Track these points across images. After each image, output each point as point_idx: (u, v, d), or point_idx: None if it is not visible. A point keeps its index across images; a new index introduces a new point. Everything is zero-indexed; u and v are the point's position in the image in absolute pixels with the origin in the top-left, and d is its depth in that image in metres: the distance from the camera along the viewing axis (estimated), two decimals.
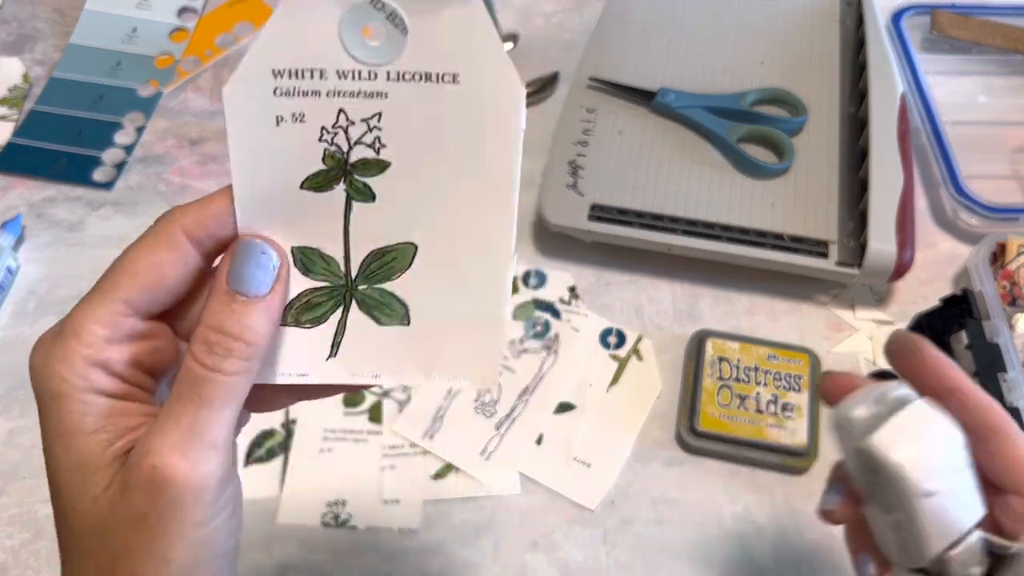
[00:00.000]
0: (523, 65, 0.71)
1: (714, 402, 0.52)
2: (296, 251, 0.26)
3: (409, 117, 0.25)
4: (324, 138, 0.25)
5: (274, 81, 0.25)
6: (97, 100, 0.68)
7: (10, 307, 0.58)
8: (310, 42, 0.24)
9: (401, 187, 0.26)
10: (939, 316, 0.56)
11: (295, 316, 0.27)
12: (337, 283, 0.27)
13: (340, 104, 0.25)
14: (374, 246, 0.27)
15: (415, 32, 0.24)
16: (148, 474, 0.23)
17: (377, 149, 0.26)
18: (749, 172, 0.59)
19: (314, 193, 0.26)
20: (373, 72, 0.25)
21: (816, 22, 0.69)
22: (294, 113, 0.25)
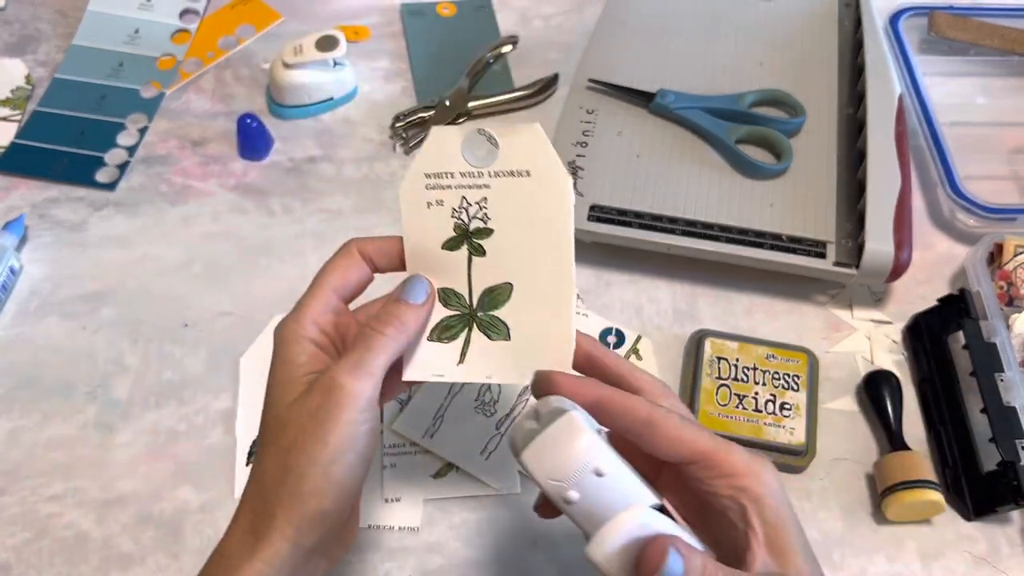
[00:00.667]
0: (523, 66, 0.72)
1: (713, 401, 0.52)
2: (439, 291, 0.40)
3: (503, 199, 0.39)
4: (454, 215, 0.39)
5: (425, 180, 0.39)
6: (99, 101, 0.69)
7: (13, 307, 0.58)
8: (445, 156, 0.38)
9: (501, 245, 0.39)
10: (936, 316, 0.56)
11: (437, 335, 0.40)
12: (464, 312, 0.40)
13: (462, 193, 0.39)
14: (486, 286, 0.39)
15: (503, 146, 0.38)
16: (326, 383, 0.35)
17: (485, 221, 0.39)
18: (748, 173, 0.60)
19: (448, 252, 0.39)
20: (480, 172, 0.38)
21: (814, 24, 0.69)
22: (437, 200, 0.39)
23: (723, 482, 0.34)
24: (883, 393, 0.53)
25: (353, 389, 0.35)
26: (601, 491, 0.33)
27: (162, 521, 0.50)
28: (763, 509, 0.34)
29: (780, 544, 0.33)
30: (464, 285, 0.39)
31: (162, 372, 0.55)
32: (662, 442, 0.35)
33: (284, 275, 0.60)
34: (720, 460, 0.34)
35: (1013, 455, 0.48)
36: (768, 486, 0.34)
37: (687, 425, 0.35)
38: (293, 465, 0.34)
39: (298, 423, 0.35)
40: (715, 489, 0.34)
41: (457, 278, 0.39)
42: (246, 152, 0.66)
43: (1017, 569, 0.49)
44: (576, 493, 0.33)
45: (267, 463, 0.36)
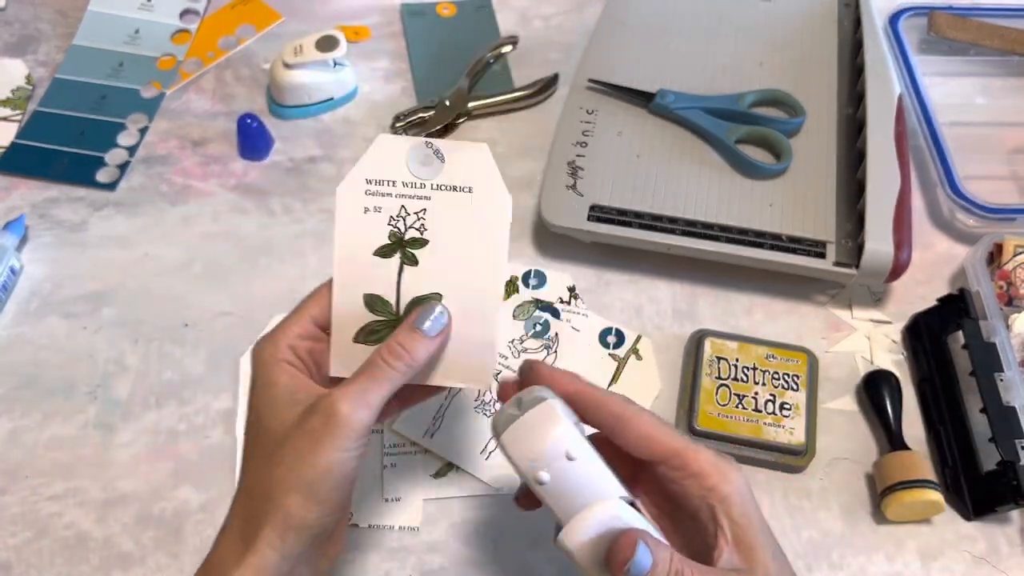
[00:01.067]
0: (523, 66, 0.72)
1: (712, 401, 0.52)
2: (366, 296, 0.40)
3: (442, 213, 0.39)
4: (391, 223, 0.39)
5: (366, 185, 0.39)
6: (100, 101, 0.69)
7: (13, 307, 0.58)
8: (389, 164, 0.39)
9: (434, 257, 0.39)
10: (936, 316, 0.56)
11: (363, 337, 0.40)
12: (390, 318, 0.40)
13: (402, 202, 0.39)
14: (414, 295, 0.40)
15: (448, 161, 0.39)
16: (327, 407, 0.36)
17: (421, 232, 0.39)
18: (747, 173, 0.60)
19: (380, 259, 0.40)
20: (422, 183, 0.39)
21: (814, 24, 0.69)
22: (376, 206, 0.39)
23: (693, 482, 0.36)
24: (883, 393, 0.53)
25: (351, 419, 0.36)
26: (572, 475, 0.35)
27: (162, 521, 0.50)
28: (730, 508, 0.35)
29: (746, 541, 0.35)
30: (392, 293, 0.40)
31: (162, 372, 0.55)
32: (632, 438, 0.37)
33: (284, 275, 0.60)
34: (689, 460, 0.36)
35: (1012, 455, 0.48)
36: (734, 485, 0.36)
37: (658, 424, 0.37)
38: (281, 480, 0.36)
39: (293, 441, 0.36)
40: (686, 489, 0.36)
41: (386, 285, 0.40)
42: (246, 152, 0.66)
43: (1017, 569, 0.49)
44: (547, 475, 0.35)
45: (258, 475, 0.37)
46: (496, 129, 0.68)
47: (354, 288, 0.40)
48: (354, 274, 0.40)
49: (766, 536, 0.36)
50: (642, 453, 0.37)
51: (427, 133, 0.66)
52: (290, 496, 0.35)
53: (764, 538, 0.35)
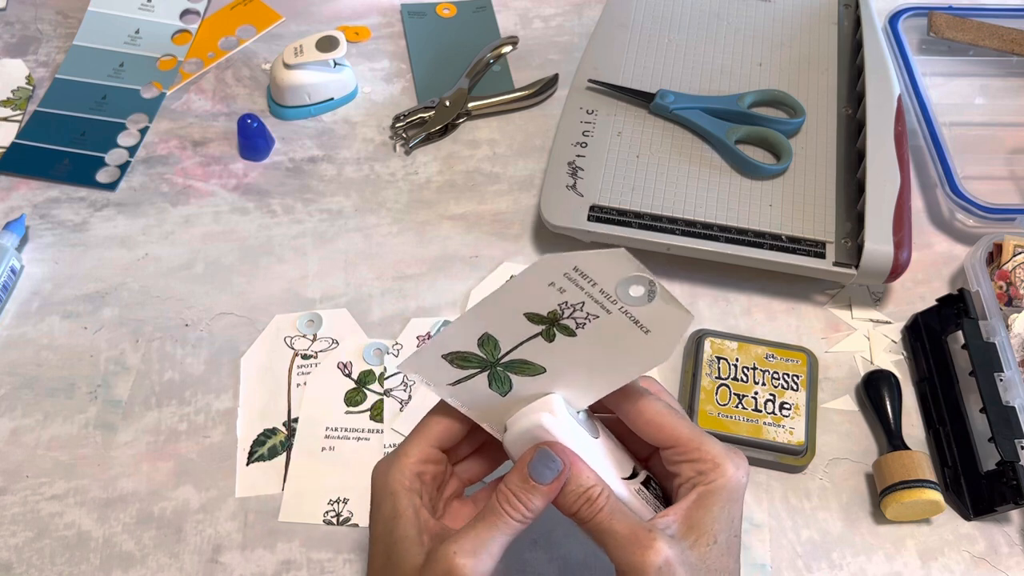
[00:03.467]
0: (523, 67, 0.72)
1: (712, 401, 0.53)
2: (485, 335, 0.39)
3: (608, 328, 0.38)
4: (561, 305, 0.38)
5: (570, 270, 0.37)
6: (100, 101, 0.69)
7: (14, 307, 0.58)
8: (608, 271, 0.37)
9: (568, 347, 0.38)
10: (936, 316, 0.56)
11: (451, 357, 0.39)
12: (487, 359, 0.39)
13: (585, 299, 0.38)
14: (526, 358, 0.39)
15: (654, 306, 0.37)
16: (447, 559, 0.35)
17: (577, 327, 0.38)
18: (747, 173, 0.60)
19: (526, 320, 0.39)
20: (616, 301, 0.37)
21: (814, 24, 0.69)
22: (562, 288, 0.37)
23: (688, 466, 0.37)
24: (882, 393, 0.53)
25: (472, 571, 0.35)
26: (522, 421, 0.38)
27: (163, 520, 0.50)
28: (707, 493, 0.36)
29: (702, 526, 0.36)
30: (510, 345, 0.39)
31: (163, 372, 0.55)
32: (642, 424, 0.38)
33: (285, 275, 0.60)
34: (694, 448, 0.37)
35: (1012, 455, 0.48)
36: (725, 478, 0.36)
37: (670, 412, 0.38)
38: None
39: None
40: (680, 471, 0.37)
41: (511, 338, 0.39)
42: (247, 152, 0.66)
43: (1016, 569, 0.49)
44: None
45: None
46: (496, 129, 0.68)
47: (481, 325, 0.39)
48: (493, 316, 0.39)
49: (729, 535, 0.36)
50: (651, 437, 0.38)
51: (427, 133, 0.66)
52: None
53: (724, 535, 0.36)
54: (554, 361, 0.39)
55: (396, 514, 0.37)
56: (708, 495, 0.36)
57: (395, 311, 0.58)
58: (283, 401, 0.54)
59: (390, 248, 0.62)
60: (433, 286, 0.60)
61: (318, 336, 0.57)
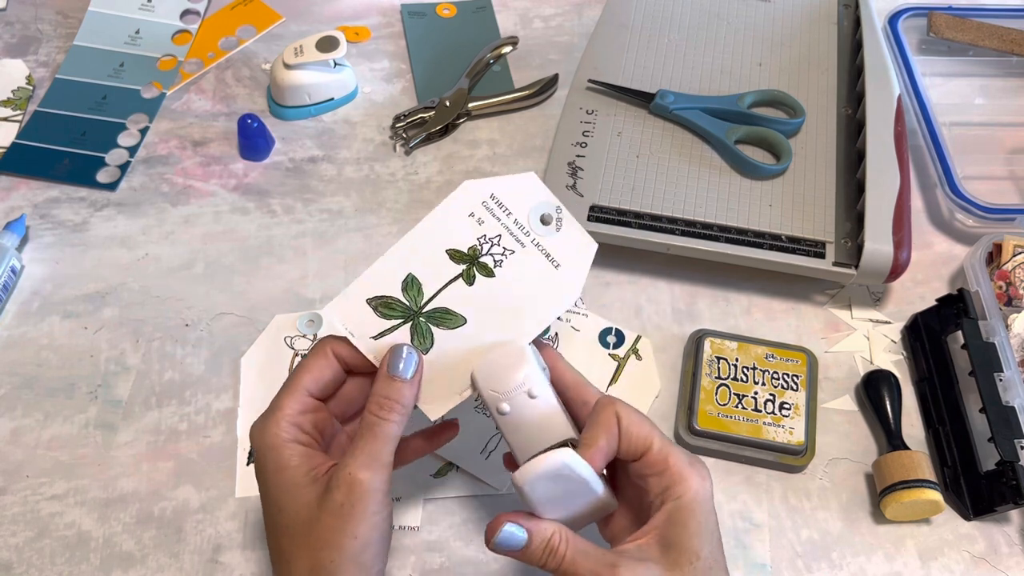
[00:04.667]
0: (523, 67, 0.72)
1: (712, 401, 0.53)
2: (410, 276, 0.40)
3: (523, 265, 0.40)
4: (479, 240, 0.41)
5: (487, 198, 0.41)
6: (100, 101, 0.69)
7: (14, 307, 0.58)
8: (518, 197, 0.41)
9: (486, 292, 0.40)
10: (935, 316, 0.56)
11: (376, 304, 0.41)
12: (410, 309, 0.40)
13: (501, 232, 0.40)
14: (446, 306, 0.41)
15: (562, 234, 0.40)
16: (346, 480, 0.36)
17: (495, 265, 0.40)
18: (747, 173, 0.60)
19: (447, 259, 0.40)
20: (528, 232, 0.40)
21: (813, 24, 0.69)
22: (480, 218, 0.41)
23: (655, 480, 0.37)
24: (882, 393, 0.54)
25: (372, 483, 0.36)
26: (530, 411, 0.39)
27: (163, 520, 0.50)
28: (675, 508, 0.36)
29: (680, 544, 0.36)
30: (432, 290, 0.40)
31: (163, 372, 0.56)
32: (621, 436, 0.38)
33: (285, 275, 0.60)
34: (659, 460, 0.38)
35: (1012, 455, 0.48)
36: (692, 490, 0.37)
37: (643, 423, 0.39)
38: (327, 562, 0.36)
39: (324, 521, 0.36)
40: (647, 485, 0.38)
41: (432, 280, 0.41)
42: (247, 152, 0.66)
43: (1016, 568, 0.49)
44: (508, 407, 0.39)
45: (298, 563, 0.37)
46: (496, 129, 0.68)
47: (405, 263, 0.40)
48: (416, 253, 0.40)
49: (710, 548, 0.36)
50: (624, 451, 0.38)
51: (427, 133, 0.66)
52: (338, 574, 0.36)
53: (705, 548, 0.36)
54: (475, 309, 0.40)
55: (279, 467, 0.38)
56: (679, 511, 0.36)
57: None
58: None
59: None
60: None
61: (318, 336, 0.57)
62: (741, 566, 0.49)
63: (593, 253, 0.40)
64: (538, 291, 0.40)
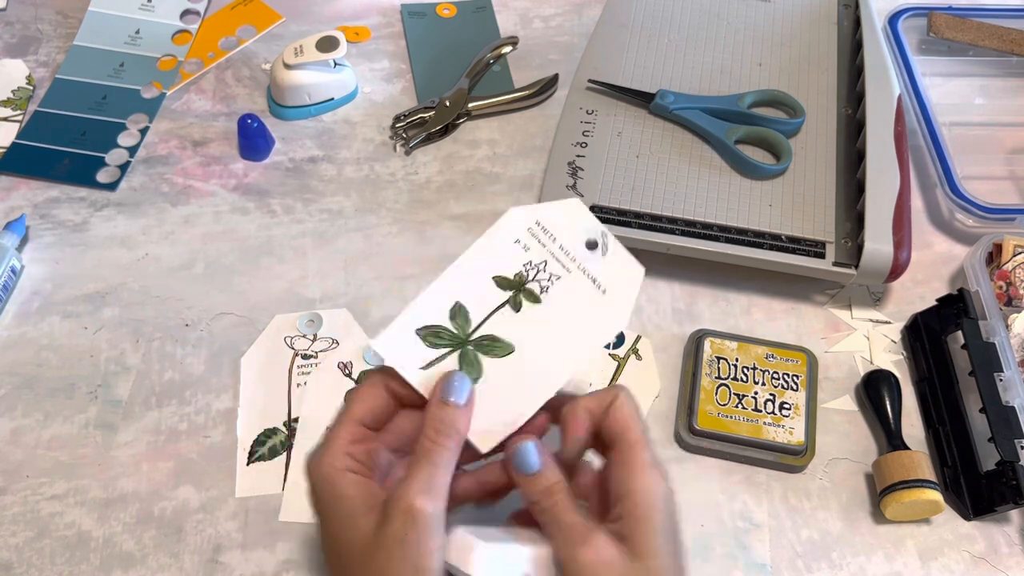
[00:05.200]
0: (523, 67, 0.72)
1: (712, 401, 0.53)
2: (457, 304, 0.40)
3: (570, 291, 0.40)
4: (525, 266, 0.41)
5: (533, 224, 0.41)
6: (100, 101, 0.69)
7: (14, 307, 0.58)
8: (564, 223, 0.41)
9: (535, 317, 0.40)
10: (935, 316, 0.56)
11: (424, 334, 0.40)
12: (458, 336, 0.40)
13: (547, 259, 0.40)
14: (494, 334, 0.40)
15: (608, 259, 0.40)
16: (404, 509, 0.35)
17: (542, 291, 0.40)
18: (747, 173, 0.60)
19: (494, 285, 0.41)
20: (575, 258, 0.40)
21: (813, 24, 0.69)
22: (527, 244, 0.41)
23: (619, 471, 0.38)
24: (882, 393, 0.54)
25: (432, 512, 0.36)
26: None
27: (163, 520, 0.50)
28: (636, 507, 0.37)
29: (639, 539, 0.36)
30: (480, 317, 0.40)
31: (163, 372, 0.56)
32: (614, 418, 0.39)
33: (285, 275, 0.60)
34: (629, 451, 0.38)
35: (1012, 455, 0.48)
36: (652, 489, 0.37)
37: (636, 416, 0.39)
38: None
39: (386, 551, 0.35)
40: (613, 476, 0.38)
41: (480, 307, 0.40)
42: (247, 152, 0.66)
43: (1016, 568, 0.49)
44: None
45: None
46: (496, 129, 0.68)
47: (453, 292, 0.40)
48: (463, 280, 0.40)
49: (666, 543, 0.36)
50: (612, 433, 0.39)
51: (427, 133, 0.66)
52: None
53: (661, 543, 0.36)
54: (522, 336, 0.40)
55: (336, 496, 0.37)
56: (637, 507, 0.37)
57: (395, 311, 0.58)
58: (283, 401, 0.54)
59: (390, 248, 0.62)
60: None
61: (318, 336, 0.57)
62: (741, 566, 0.49)
63: (641, 277, 0.39)
64: (586, 317, 0.40)
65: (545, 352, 0.40)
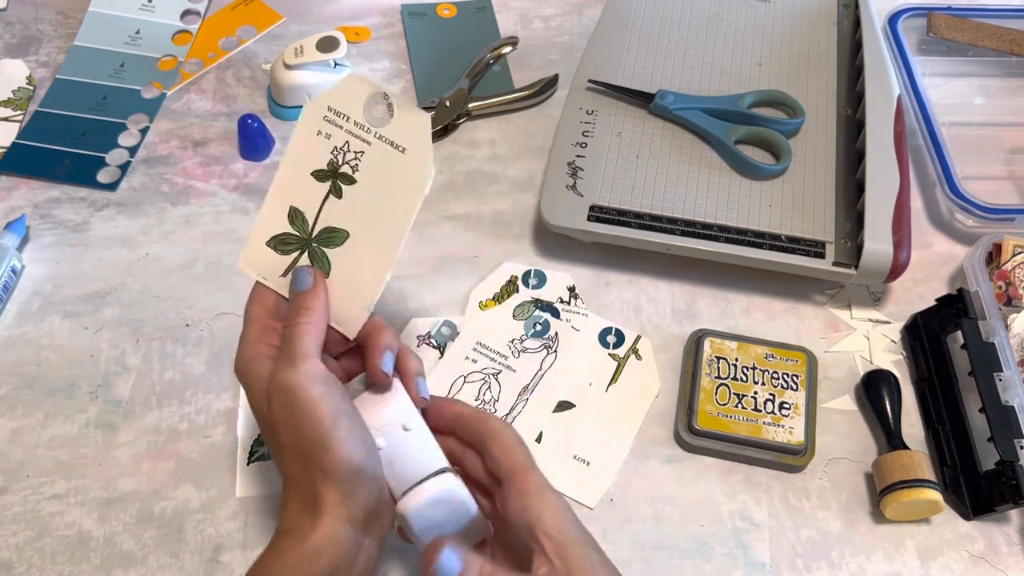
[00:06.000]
0: (523, 67, 0.72)
1: (712, 401, 0.53)
2: (292, 208, 0.43)
3: (376, 161, 0.42)
4: (332, 152, 0.43)
5: (327, 112, 0.42)
6: (101, 101, 0.69)
7: (14, 307, 0.58)
8: (350, 100, 0.42)
9: (356, 197, 0.43)
10: (935, 316, 0.56)
11: (274, 244, 0.44)
12: (303, 236, 0.43)
13: (348, 138, 0.42)
14: (329, 224, 0.43)
15: (396, 118, 0.42)
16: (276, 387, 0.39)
17: (353, 171, 0.43)
18: (747, 173, 0.60)
19: (315, 180, 0.43)
20: (369, 128, 0.42)
21: (813, 25, 0.69)
22: (328, 132, 0.43)
23: (515, 500, 0.39)
24: (882, 393, 0.54)
25: (297, 380, 0.38)
26: (406, 444, 0.41)
27: (163, 520, 0.50)
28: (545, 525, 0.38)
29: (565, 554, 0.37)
30: (313, 214, 0.43)
31: (164, 372, 0.56)
32: (496, 450, 0.40)
33: None
34: (520, 478, 0.39)
35: (1011, 454, 0.48)
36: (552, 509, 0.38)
37: (517, 443, 0.41)
38: (309, 452, 0.38)
39: (285, 424, 0.38)
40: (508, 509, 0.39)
41: (310, 204, 0.43)
42: (247, 152, 0.66)
43: (1015, 568, 0.49)
44: (384, 441, 0.40)
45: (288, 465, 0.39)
46: (496, 129, 0.68)
47: (285, 199, 0.43)
48: (290, 186, 0.43)
49: (587, 550, 0.38)
50: (497, 468, 0.40)
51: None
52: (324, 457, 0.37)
53: (584, 551, 0.37)
54: (348, 218, 0.43)
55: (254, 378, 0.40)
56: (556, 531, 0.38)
57: (395, 311, 0.59)
58: None
59: None
60: (433, 286, 0.60)
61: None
62: (741, 566, 0.49)
63: (428, 123, 0.41)
64: (397, 179, 0.42)
65: (376, 225, 0.42)
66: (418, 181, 0.41)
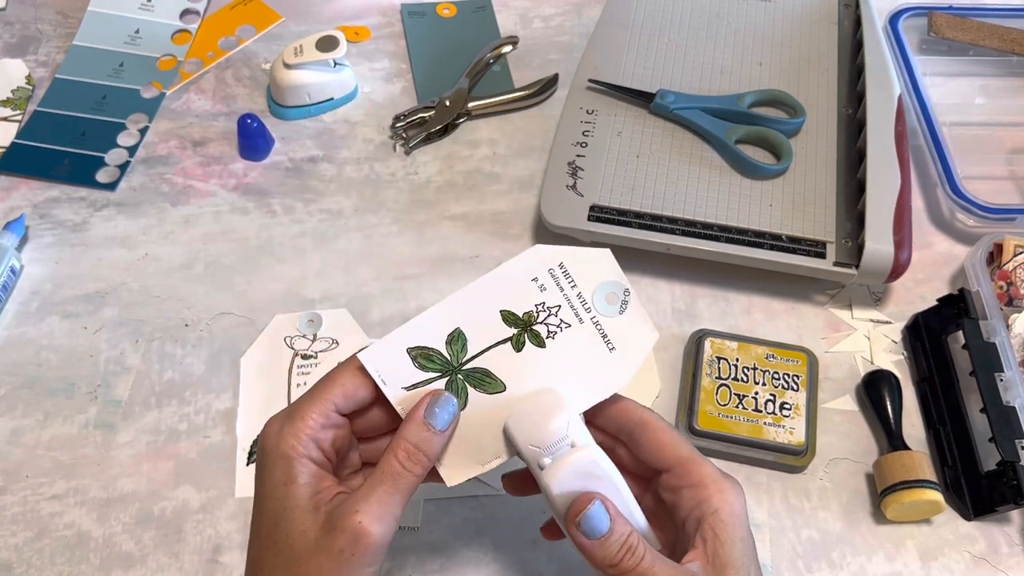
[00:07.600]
0: (523, 67, 0.72)
1: (712, 401, 0.52)
2: (456, 331, 0.38)
3: (578, 342, 0.39)
4: (537, 307, 0.39)
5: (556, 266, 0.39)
6: (100, 101, 0.69)
7: (14, 307, 0.58)
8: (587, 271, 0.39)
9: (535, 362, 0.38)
10: (936, 316, 0.56)
11: (416, 353, 0.38)
12: (449, 363, 0.38)
13: (562, 304, 0.39)
14: (489, 369, 0.38)
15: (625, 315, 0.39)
16: (354, 527, 0.34)
17: (547, 336, 0.39)
18: (747, 173, 0.60)
19: (500, 321, 0.39)
20: (591, 309, 0.39)
21: (814, 24, 0.69)
22: (543, 285, 0.39)
23: (689, 492, 0.37)
24: (883, 393, 0.53)
25: (380, 537, 0.34)
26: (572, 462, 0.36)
27: (163, 520, 0.50)
28: (716, 523, 0.36)
29: (723, 559, 0.35)
30: (478, 348, 0.38)
31: (163, 372, 0.55)
32: (647, 443, 0.38)
33: (285, 275, 0.60)
34: (692, 470, 0.37)
35: (1012, 455, 0.48)
36: (728, 502, 0.36)
37: (672, 432, 0.38)
38: None
39: (318, 561, 0.34)
40: (680, 499, 0.37)
41: (480, 339, 0.38)
42: (247, 152, 0.66)
43: (1016, 568, 0.49)
44: (549, 460, 0.36)
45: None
46: (496, 129, 0.68)
47: (455, 318, 0.38)
48: (468, 307, 0.38)
49: (746, 560, 0.36)
50: (653, 459, 0.38)
51: (427, 133, 0.66)
52: None
53: (742, 561, 0.35)
54: (516, 378, 0.38)
55: (288, 480, 0.35)
56: (723, 528, 0.36)
57: (395, 311, 0.58)
58: (283, 401, 0.54)
59: (390, 248, 0.62)
60: (433, 286, 0.60)
61: (318, 336, 0.57)
62: None
63: (652, 343, 0.38)
64: (586, 371, 0.38)
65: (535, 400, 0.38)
66: (606, 386, 0.38)
